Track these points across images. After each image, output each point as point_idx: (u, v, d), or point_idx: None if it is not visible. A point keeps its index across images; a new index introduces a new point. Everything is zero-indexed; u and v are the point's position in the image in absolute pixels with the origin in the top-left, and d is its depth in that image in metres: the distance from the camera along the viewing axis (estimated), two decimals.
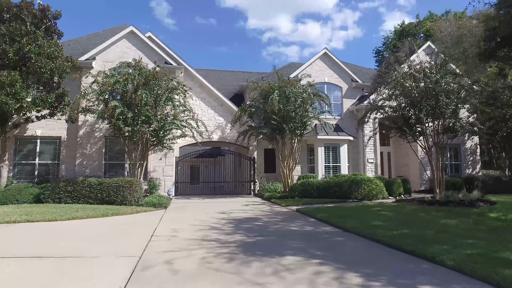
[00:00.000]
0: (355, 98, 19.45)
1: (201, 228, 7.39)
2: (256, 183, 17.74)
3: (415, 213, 8.68)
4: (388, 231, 6.31)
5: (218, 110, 17.89)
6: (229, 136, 17.83)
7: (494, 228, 6.62)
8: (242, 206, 12.03)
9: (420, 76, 10.87)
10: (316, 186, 13.99)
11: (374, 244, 5.74)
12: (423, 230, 6.37)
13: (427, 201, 10.59)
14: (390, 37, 36.88)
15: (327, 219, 8.13)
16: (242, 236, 6.52)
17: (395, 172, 19.64)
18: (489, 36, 8.31)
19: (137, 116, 11.78)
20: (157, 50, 15.54)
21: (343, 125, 18.88)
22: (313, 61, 19.09)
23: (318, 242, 5.98)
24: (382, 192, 13.32)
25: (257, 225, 7.82)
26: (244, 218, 8.97)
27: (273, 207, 11.61)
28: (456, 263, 4.31)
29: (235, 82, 22.61)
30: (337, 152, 17.81)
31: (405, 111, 11.62)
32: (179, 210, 10.74)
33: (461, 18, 25.66)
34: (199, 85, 17.59)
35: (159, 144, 13.15)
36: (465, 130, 11.10)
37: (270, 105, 14.00)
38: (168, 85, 12.63)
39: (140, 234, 6.70)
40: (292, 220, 8.52)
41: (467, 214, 8.37)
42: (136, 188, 11.37)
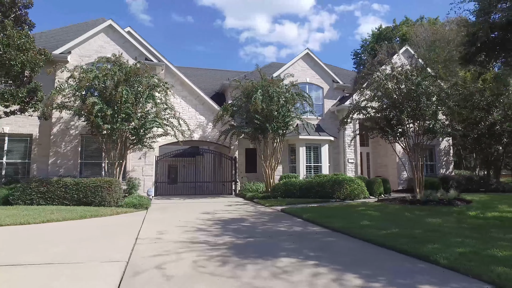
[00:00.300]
0: (336, 98, 19.70)
1: (187, 229, 7.15)
2: (238, 183, 17.57)
3: (400, 212, 8.83)
4: (378, 231, 6.35)
5: (199, 108, 17.57)
6: (210, 135, 17.55)
7: (476, 226, 6.82)
8: (225, 206, 11.84)
9: (402, 78, 11.11)
10: (298, 186, 14.01)
11: (366, 244, 5.74)
12: (411, 229, 6.46)
13: (408, 201, 10.84)
14: (368, 40, 37.81)
15: (315, 219, 8.10)
16: (231, 237, 6.35)
17: (374, 172, 20.07)
18: (469, 42, 8.59)
19: (117, 113, 11.31)
20: (137, 45, 15.03)
21: (324, 126, 19.06)
22: (295, 61, 19.16)
23: (309, 243, 5.91)
24: (363, 192, 13.53)
25: (245, 226, 7.67)
26: (230, 218, 8.79)
27: (257, 207, 11.49)
28: (450, 262, 4.36)
29: (216, 80, 22.34)
30: (318, 152, 17.95)
31: (387, 112, 11.84)
32: (162, 211, 10.40)
33: (435, 24, 26.69)
34: (180, 83, 17.20)
35: (139, 143, 12.71)
36: (444, 131, 11.47)
37: (253, 104, 13.88)
38: (149, 82, 12.23)
39: (124, 236, 6.38)
40: (279, 221, 8.44)
41: (448, 213, 8.61)
42: (115, 189, 10.90)
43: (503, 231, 6.27)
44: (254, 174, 18.68)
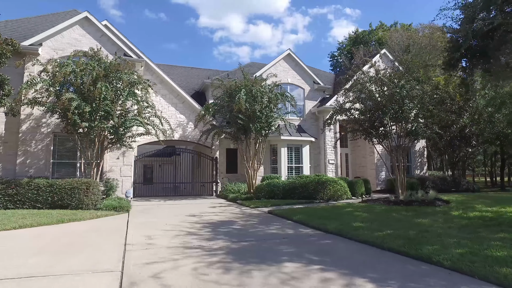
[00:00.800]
0: (317, 100, 19.86)
1: (177, 234, 6.83)
2: (218, 184, 17.27)
3: (387, 213, 8.95)
4: (373, 232, 6.35)
5: (179, 107, 17.11)
6: (190, 135, 17.14)
7: (463, 226, 7.00)
8: (209, 208, 11.54)
9: (386, 80, 11.32)
10: (282, 187, 13.95)
11: (364, 246, 5.70)
12: (405, 230, 6.51)
13: (392, 201, 11.05)
14: (345, 43, 38.61)
15: (305, 221, 8.02)
16: (225, 241, 6.12)
17: (353, 172, 20.44)
18: (453, 48, 8.87)
19: (96, 111, 10.71)
20: (116, 40, 14.36)
21: (305, 126, 19.16)
22: (277, 61, 19.13)
23: (308, 246, 5.80)
24: (346, 193, 13.69)
25: (236, 229, 7.45)
26: (218, 221, 8.53)
27: (242, 209, 11.28)
28: (453, 263, 4.39)
29: (195, 79, 21.90)
30: (299, 153, 18.01)
31: (370, 114, 12.02)
32: (144, 214, 9.94)
33: (409, 30, 27.71)
34: (159, 80, 16.66)
35: (119, 142, 12.13)
36: (425, 133, 11.81)
37: (237, 103, 13.66)
38: (130, 79, 11.68)
39: (111, 243, 5.97)
40: (269, 223, 8.28)
41: (433, 213, 8.83)
42: (93, 190, 10.30)
43: (490, 231, 6.47)
44: (234, 175, 18.44)
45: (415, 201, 10.66)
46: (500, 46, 8.64)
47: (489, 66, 9.03)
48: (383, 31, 32.30)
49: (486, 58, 8.80)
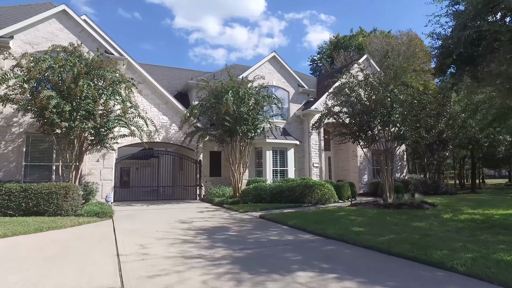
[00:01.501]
0: (301, 103, 19.85)
1: (172, 242, 6.42)
2: (202, 188, 16.80)
3: (381, 216, 8.93)
4: (375, 237, 6.24)
5: (162, 108, 16.53)
6: (173, 137, 16.59)
7: (460, 229, 7.06)
8: (197, 213, 11.12)
9: (376, 85, 11.41)
10: (269, 190, 13.72)
11: (371, 252, 5.57)
12: (406, 234, 6.46)
13: (382, 205, 11.11)
14: (325, 48, 39.16)
15: (302, 226, 7.82)
16: (225, 249, 5.79)
17: (335, 176, 20.57)
18: (444, 54, 9.04)
19: (76, 110, 10.04)
20: (96, 36, 13.63)
21: (289, 129, 19.08)
22: (262, 63, 18.97)
23: (313, 253, 5.59)
24: (333, 196, 13.67)
25: (233, 236, 7.13)
26: (211, 227, 8.17)
27: (231, 214, 10.94)
28: (468, 268, 4.32)
29: (177, 80, 21.34)
30: (284, 156, 17.88)
31: (359, 117, 12.06)
32: (130, 220, 9.38)
33: (388, 37, 28.51)
34: (141, 80, 15.97)
35: (100, 144, 11.47)
36: (413, 137, 12.01)
37: (224, 105, 13.33)
38: (113, 77, 11.07)
39: (102, 253, 5.49)
40: (265, 228, 8.02)
41: (426, 216, 8.90)
42: (73, 195, 9.60)
43: (487, 233, 6.54)
44: (218, 178, 18.05)
45: (404, 204, 10.77)
46: (487, 54, 8.90)
47: (475, 72, 9.27)
48: (363, 37, 33.06)
49: (473, 65, 9.03)
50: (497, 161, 35.99)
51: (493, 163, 38.40)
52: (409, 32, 25.29)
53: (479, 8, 7.73)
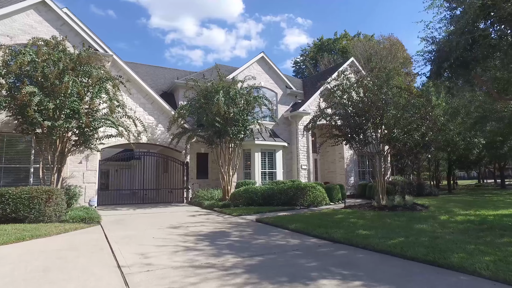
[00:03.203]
0: (289, 104, 19.76)
1: (173, 250, 6.02)
2: (189, 190, 16.31)
3: (381, 219, 8.86)
4: (385, 240, 6.11)
5: (148, 108, 15.92)
6: (160, 138, 16.01)
7: (462, 231, 7.07)
8: (189, 217, 10.69)
9: (371, 86, 11.43)
10: (260, 193, 13.47)
11: (385, 256, 5.41)
12: (414, 237, 6.37)
13: (376, 207, 11.10)
14: (308, 50, 39.45)
15: (305, 230, 7.60)
16: (234, 257, 5.47)
17: (322, 178, 20.60)
18: (440, 58, 9.13)
19: (60, 108, 9.38)
20: (79, 31, 12.92)
21: (277, 131, 18.92)
22: (250, 64, 18.72)
23: (327, 258, 5.37)
24: (325, 199, 13.60)
25: (236, 241, 6.80)
26: (209, 232, 7.80)
27: (225, 218, 10.59)
28: (493, 273, 4.22)
29: (161, 79, 20.71)
30: (273, 158, 17.68)
31: (352, 119, 12.04)
32: (119, 226, 8.83)
33: (371, 40, 29.05)
34: (126, 78, 15.31)
35: (84, 144, 10.83)
36: (405, 140, 12.12)
37: (215, 106, 12.97)
38: (99, 74, 10.47)
39: (101, 265, 5.02)
40: (266, 233, 7.74)
41: (423, 218, 8.92)
42: (57, 200, 8.92)
43: (491, 235, 6.56)
44: (205, 180, 17.61)
45: (398, 206, 10.81)
46: (481, 59, 9.08)
47: (469, 77, 9.44)
48: (347, 40, 33.57)
49: (468, 70, 9.18)
50: (469, 163, 37.49)
51: (465, 164, 40.02)
52: (390, 37, 25.89)
53: (477, 13, 7.85)
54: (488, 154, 29.22)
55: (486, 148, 27.00)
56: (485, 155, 30.34)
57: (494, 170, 41.82)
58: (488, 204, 13.05)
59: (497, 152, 26.79)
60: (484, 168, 46.18)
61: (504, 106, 13.62)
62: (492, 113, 15.85)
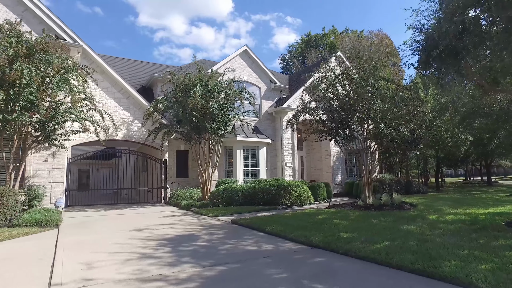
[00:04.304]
0: (273, 100, 19.05)
1: (127, 257, 5.23)
2: (168, 189, 15.46)
3: (366, 219, 8.21)
4: (368, 245, 5.44)
5: (123, 103, 15.01)
6: (136, 135, 15.11)
7: (453, 232, 6.45)
8: (161, 218, 9.88)
9: (356, 78, 10.78)
10: (241, 192, 12.73)
11: (367, 264, 4.74)
12: (401, 240, 5.71)
13: (362, 206, 10.47)
14: (295, 46, 38.77)
15: (281, 232, 6.90)
16: (194, 266, 4.72)
17: (308, 176, 19.96)
18: (428, 46, 8.50)
19: (14, 100, 8.46)
20: (43, 17, 11.93)
21: (261, 127, 18.19)
22: (233, 57, 17.93)
23: (300, 268, 4.66)
24: (309, 198, 12.94)
25: (201, 246, 6.05)
26: (177, 236, 7.03)
27: (200, 219, 9.82)
28: (493, 286, 3.58)
29: (141, 73, 19.77)
30: (256, 155, 16.95)
31: (337, 113, 11.39)
32: (80, 229, 7.98)
33: (359, 36, 28.56)
34: (100, 71, 14.42)
35: (47, 141, 9.91)
36: (392, 135, 11.53)
37: (192, 99, 12.16)
38: (62, 64, 9.55)
39: (27, 280, 4.21)
40: (239, 236, 7.01)
41: (411, 218, 8.30)
42: (8, 202, 8.00)
43: (484, 236, 5.95)
44: (185, 179, 16.78)
45: (385, 205, 10.20)
46: (471, 48, 8.50)
47: (459, 67, 8.85)
48: (335, 36, 33.01)
49: (458, 59, 8.59)
50: (456, 160, 37.47)
51: (453, 162, 40.00)
52: (379, 32, 25.41)
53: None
54: (476, 151, 29.08)
55: (474, 145, 26.82)
56: (472, 152, 30.22)
57: (480, 167, 41.96)
58: (477, 201, 12.58)
59: (484, 149, 26.62)
60: (471, 165, 46.35)
61: (494, 99, 13.17)
62: (481, 108, 15.41)
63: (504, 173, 67.70)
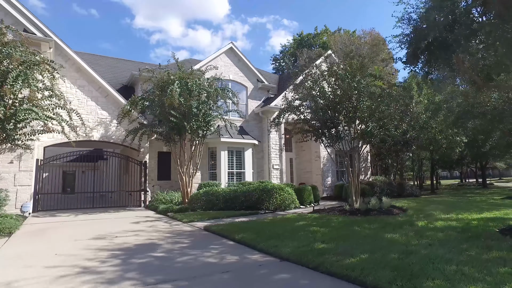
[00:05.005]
0: (260, 99, 18.39)
1: (63, 273, 4.52)
2: (148, 193, 14.72)
3: (348, 226, 7.52)
4: (343, 258, 4.76)
5: (101, 102, 14.31)
6: (114, 135, 14.41)
7: (443, 241, 5.79)
8: (131, 224, 9.16)
9: (343, 73, 10.12)
10: (222, 196, 12.02)
11: (339, 282, 4.05)
12: (381, 252, 5.04)
13: (348, 211, 9.78)
14: (288, 46, 38.19)
15: (252, 241, 6.20)
16: (135, 284, 4.02)
17: (298, 178, 19.29)
18: (416, 37, 7.90)
19: None
20: (9, 9, 11.21)
21: (247, 128, 17.51)
22: (218, 55, 17.26)
23: (261, 286, 3.97)
24: (294, 202, 12.26)
25: (157, 258, 5.33)
26: (135, 245, 6.31)
27: (172, 225, 9.11)
28: None
29: (126, 72, 19.07)
30: (241, 157, 16.25)
31: (322, 112, 10.73)
32: (34, 238, 7.24)
33: (352, 36, 28.02)
34: (76, 69, 13.77)
35: (9, 141, 9.16)
36: (381, 135, 10.88)
37: (169, 97, 11.46)
38: (25, 57, 8.83)
39: None
40: (204, 245, 6.30)
41: (398, 224, 7.63)
42: None
43: (476, 247, 5.29)
44: (168, 182, 16.04)
45: (372, 210, 9.53)
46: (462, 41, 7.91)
47: (450, 61, 8.25)
48: (328, 36, 32.45)
49: (448, 52, 7.99)
50: (451, 162, 36.98)
51: (448, 164, 39.52)
52: (371, 31, 24.89)
53: None
54: (470, 153, 28.58)
55: (468, 147, 26.32)
56: (467, 154, 29.73)
57: (476, 169, 41.52)
58: (471, 205, 11.95)
59: (478, 151, 26.10)
60: (466, 167, 45.94)
61: (488, 98, 12.57)
62: (474, 108, 14.83)
63: (499, 175, 67.49)
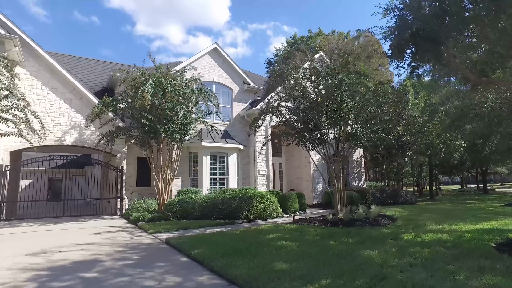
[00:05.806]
0: (247, 102, 17.57)
1: None
2: (125, 200, 13.84)
3: (323, 241, 6.62)
4: (301, 285, 3.87)
5: (75, 104, 13.54)
6: (89, 139, 13.61)
7: (428, 260, 4.91)
8: (90, 235, 8.28)
9: (323, 71, 9.31)
10: (198, 203, 11.16)
11: None
12: (351, 275, 4.15)
13: (330, 221, 8.87)
14: (282, 49, 37.56)
15: (206, 258, 5.31)
16: None
17: (287, 185, 18.39)
18: (401, 27, 7.08)
19: None
20: None
21: (232, 132, 16.67)
22: (201, 55, 16.49)
23: None
24: (276, 210, 11.36)
25: (85, 280, 4.46)
26: (74, 262, 5.44)
27: (134, 236, 8.22)
28: None
29: (106, 75, 18.29)
30: (225, 162, 15.38)
31: (304, 113, 9.90)
32: None
33: (346, 38, 27.35)
34: (49, 69, 13.03)
35: None
36: (368, 137, 10.03)
37: (140, 98, 10.66)
38: None
39: None
40: (151, 263, 5.41)
41: (381, 237, 6.74)
42: None
43: (465, 269, 4.42)
44: (147, 189, 15.18)
45: (357, 220, 8.63)
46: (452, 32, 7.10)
47: (439, 55, 7.42)
48: (322, 39, 31.79)
49: (437, 44, 7.17)
50: (451, 167, 36.05)
51: (448, 169, 38.56)
52: (366, 32, 24.17)
53: None
54: (470, 158, 27.69)
55: (467, 151, 25.46)
56: (467, 159, 28.84)
57: (476, 175, 40.56)
58: (467, 214, 11.04)
59: (478, 155, 25.19)
60: (466, 173, 44.95)
61: (485, 98, 11.73)
62: (471, 109, 13.99)
63: (501, 180, 66.36)
